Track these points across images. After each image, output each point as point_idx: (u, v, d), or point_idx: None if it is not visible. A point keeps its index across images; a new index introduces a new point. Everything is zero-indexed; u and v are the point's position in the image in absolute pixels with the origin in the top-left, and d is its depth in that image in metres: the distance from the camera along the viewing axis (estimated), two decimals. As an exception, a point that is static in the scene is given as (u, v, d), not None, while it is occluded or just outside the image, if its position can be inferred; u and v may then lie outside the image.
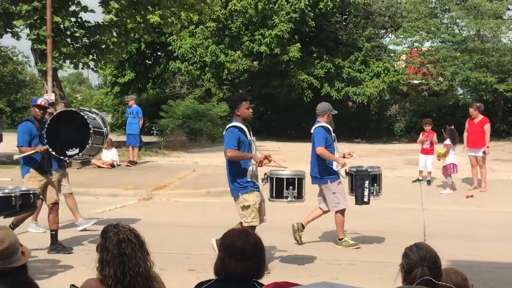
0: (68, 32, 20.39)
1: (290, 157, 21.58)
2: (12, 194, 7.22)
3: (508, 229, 10.89)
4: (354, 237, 9.71)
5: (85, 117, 8.47)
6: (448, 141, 14.64)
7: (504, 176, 16.20)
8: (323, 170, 9.09)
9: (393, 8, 34.18)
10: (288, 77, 30.34)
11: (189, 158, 21.21)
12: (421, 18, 31.32)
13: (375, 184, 9.05)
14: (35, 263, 7.98)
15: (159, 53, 38.32)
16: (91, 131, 8.39)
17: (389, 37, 36.47)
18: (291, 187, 7.80)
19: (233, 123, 7.79)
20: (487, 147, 14.76)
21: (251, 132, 7.87)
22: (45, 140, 8.62)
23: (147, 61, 38.40)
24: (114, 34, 21.75)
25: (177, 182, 15.84)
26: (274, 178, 7.90)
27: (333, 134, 9.37)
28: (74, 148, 8.56)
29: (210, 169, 17.83)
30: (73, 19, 20.51)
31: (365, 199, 8.95)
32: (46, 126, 8.56)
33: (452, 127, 14.97)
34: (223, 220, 9.77)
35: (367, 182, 8.88)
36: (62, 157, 8.82)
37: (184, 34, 30.08)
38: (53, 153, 8.62)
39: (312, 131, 9.42)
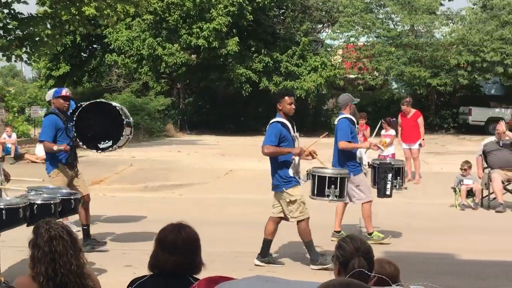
0: (1, 24, 19.80)
1: (229, 151, 21.59)
2: (52, 202, 6.60)
3: (440, 220, 11.17)
4: (292, 231, 9.75)
5: (117, 108, 8.21)
6: (392, 132, 14.96)
7: (437, 169, 16.60)
8: (346, 163, 8.90)
9: (329, 3, 34.54)
10: (227, 71, 30.29)
11: (126, 152, 20.90)
12: (357, 13, 31.76)
13: (398, 178, 8.97)
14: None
15: (95, 46, 37.64)
16: (124, 122, 8.12)
17: (326, 31, 36.88)
18: (333, 186, 7.76)
19: (276, 118, 7.78)
20: (423, 139, 15.11)
21: (294, 127, 7.86)
22: (74, 134, 8.28)
23: (82, 53, 37.66)
24: (48, 26, 21.21)
25: (114, 177, 15.61)
26: (317, 176, 7.85)
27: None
28: (106, 141, 8.23)
29: (148, 164, 17.65)
30: (5, 11, 19.92)
31: (388, 192, 8.89)
32: (74, 119, 8.16)
33: (394, 119, 15.32)
34: (160, 215, 9.69)
35: (390, 175, 8.79)
36: (94, 150, 8.38)
37: (121, 26, 29.64)
38: (84, 146, 8.28)
39: (335, 122, 9.34)
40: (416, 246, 8.98)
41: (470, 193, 12.70)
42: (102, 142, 8.19)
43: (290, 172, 7.64)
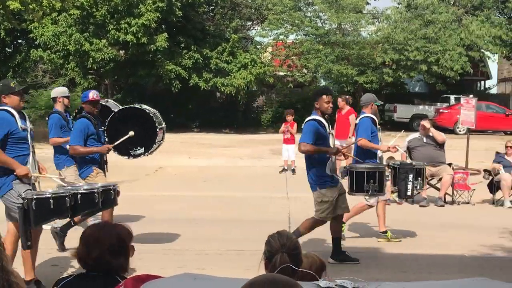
0: None
1: (160, 148, 21.36)
2: (95, 190, 6.41)
3: (365, 215, 11.40)
4: (222, 228, 9.78)
5: (151, 114, 8.05)
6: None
7: (363, 164, 16.90)
8: (364, 161, 8.78)
9: (259, 0, 34.70)
10: (156, 67, 30.01)
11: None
12: (286, 11, 32.03)
13: (419, 178, 8.84)
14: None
15: (19, 41, 36.59)
16: (157, 129, 8.05)
17: (255, 29, 37.04)
18: (371, 181, 7.72)
19: (312, 116, 7.72)
20: (349, 137, 15.41)
21: (330, 126, 7.81)
22: (106, 140, 8.10)
23: (7, 49, 36.55)
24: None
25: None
26: (354, 172, 7.81)
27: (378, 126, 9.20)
28: (138, 147, 8.12)
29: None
30: None
31: (409, 193, 8.78)
32: (106, 124, 7.99)
33: None
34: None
35: (411, 175, 8.63)
36: (126, 157, 8.28)
37: (46, 21, 28.91)
38: (116, 152, 8.09)
39: (357, 121, 9.31)
40: (343, 240, 9.14)
41: (395, 188, 13.03)
42: (134, 149, 8.15)
43: (328, 170, 7.65)
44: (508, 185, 12.42)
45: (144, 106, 8.55)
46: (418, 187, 8.94)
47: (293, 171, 16.00)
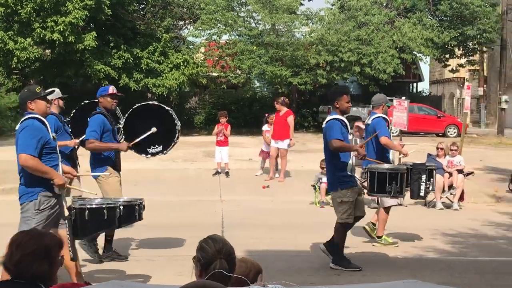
0: None
1: (85, 150, 21.01)
2: (136, 202, 6.24)
3: (300, 217, 11.55)
4: (153, 233, 9.71)
5: (170, 111, 7.91)
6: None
7: (297, 167, 17.12)
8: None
9: (191, 0, 34.59)
10: (84, 67, 29.47)
11: None
12: (218, 11, 32.01)
13: (431, 179, 8.89)
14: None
15: None
16: (177, 127, 7.99)
17: (188, 28, 36.87)
18: (394, 182, 7.65)
19: (333, 116, 7.72)
20: (291, 139, 15.58)
21: (348, 126, 7.80)
22: (122, 136, 7.86)
23: None
24: None
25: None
26: (376, 173, 7.72)
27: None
28: (156, 145, 7.97)
29: (-2, 165, 16.81)
30: None
31: (421, 194, 8.77)
32: (123, 120, 7.76)
33: None
34: (15, 219, 9.28)
35: (424, 176, 8.64)
36: (144, 155, 8.13)
37: (-33, 18, 28.02)
38: (133, 150, 7.93)
39: (369, 122, 9.25)
40: (275, 244, 9.23)
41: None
42: (152, 147, 8.01)
43: (348, 170, 7.65)
44: (440, 187, 12.78)
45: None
46: (430, 188, 9.09)
47: (227, 173, 16.02)
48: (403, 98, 17.08)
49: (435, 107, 35.24)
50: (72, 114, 9.05)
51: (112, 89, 8.23)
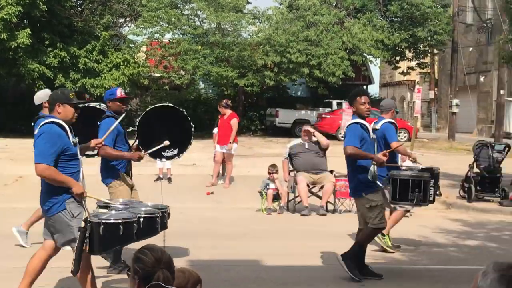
0: None
1: (20, 155, 20.62)
2: (156, 214, 6.16)
3: (246, 225, 11.53)
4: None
5: (185, 113, 7.93)
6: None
7: (243, 172, 17.11)
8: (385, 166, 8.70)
9: (132, -4, 34.29)
10: (17, 66, 28.85)
11: None
12: (161, 8, 31.79)
13: (438, 183, 8.96)
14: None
15: None
16: (193, 129, 8.09)
17: (128, 26, 36.52)
18: (417, 190, 7.63)
19: (354, 120, 7.74)
20: (230, 142, 15.53)
21: (371, 129, 7.75)
22: (136, 140, 7.86)
23: None
24: None
25: None
26: (398, 180, 7.70)
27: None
28: (172, 149, 8.00)
29: None
30: None
31: (430, 198, 8.63)
32: (137, 123, 7.71)
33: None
34: None
35: (433, 180, 8.59)
36: (158, 160, 8.20)
37: None
38: (147, 154, 7.93)
39: (377, 127, 9.20)
40: (220, 253, 9.18)
41: (276, 196, 13.24)
42: (167, 150, 8.02)
43: (369, 176, 7.62)
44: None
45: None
46: (438, 193, 9.20)
47: (169, 179, 15.89)
48: (353, 101, 17.20)
49: (385, 111, 35.67)
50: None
51: (120, 92, 8.25)
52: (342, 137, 26.94)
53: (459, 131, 35.44)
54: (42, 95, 8.92)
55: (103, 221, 5.76)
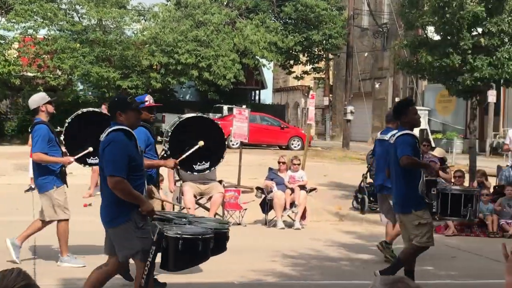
0: None
1: None
2: (226, 229, 6.55)
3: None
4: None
5: (219, 124, 7.89)
6: None
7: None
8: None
9: (3, -13, 33.26)
10: None
11: None
12: (36, 1, 31.00)
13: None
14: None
15: None
16: (226, 141, 7.82)
17: (-1, 20, 35.40)
18: (469, 205, 7.80)
19: (404, 131, 7.86)
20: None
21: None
22: (167, 152, 8.02)
23: None
24: None
25: None
26: (450, 194, 7.85)
27: None
28: (203, 162, 8.05)
29: None
30: None
31: (433, 210, 8.78)
32: (169, 134, 7.87)
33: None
34: None
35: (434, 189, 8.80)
36: (189, 172, 8.39)
37: None
38: (178, 166, 7.98)
39: (387, 137, 9.19)
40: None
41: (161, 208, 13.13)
42: (199, 163, 8.05)
43: (420, 190, 7.67)
44: (281, 204, 13.11)
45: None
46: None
47: (42, 190, 15.47)
48: (244, 106, 17.40)
49: (278, 117, 36.13)
50: (66, 125, 8.79)
51: (149, 99, 8.24)
52: (232, 144, 27.27)
53: (354, 140, 36.38)
54: (38, 99, 8.98)
55: (185, 236, 5.89)
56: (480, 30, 16.09)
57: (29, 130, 9.19)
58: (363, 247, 11.43)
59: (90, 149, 8.27)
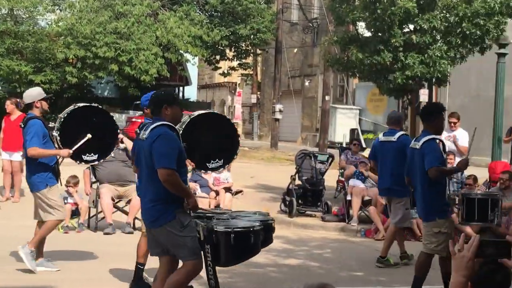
0: None
1: None
2: (271, 220, 6.81)
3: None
4: None
5: (232, 120, 7.28)
6: None
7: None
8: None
9: None
10: None
11: None
12: None
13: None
14: None
15: None
16: (239, 139, 8.34)
17: None
18: (496, 209, 7.90)
19: (429, 136, 7.92)
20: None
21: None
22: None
23: None
24: None
25: None
26: (476, 199, 7.96)
27: None
28: (217, 160, 8.17)
29: None
30: None
31: None
32: (181, 131, 7.65)
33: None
34: None
35: None
36: (203, 171, 8.69)
37: None
38: (193, 164, 7.99)
39: (394, 139, 10.13)
40: (5, 279, 8.81)
41: (75, 212, 12.92)
42: (212, 161, 8.18)
43: (446, 198, 7.85)
44: (206, 207, 13.04)
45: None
46: None
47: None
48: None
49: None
50: (61, 120, 8.87)
51: None
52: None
53: (283, 139, 36.61)
54: (34, 94, 9.15)
55: (234, 229, 6.13)
56: (411, 26, 16.40)
57: (21, 125, 9.19)
58: (291, 252, 11.49)
59: (89, 135, 8.57)
